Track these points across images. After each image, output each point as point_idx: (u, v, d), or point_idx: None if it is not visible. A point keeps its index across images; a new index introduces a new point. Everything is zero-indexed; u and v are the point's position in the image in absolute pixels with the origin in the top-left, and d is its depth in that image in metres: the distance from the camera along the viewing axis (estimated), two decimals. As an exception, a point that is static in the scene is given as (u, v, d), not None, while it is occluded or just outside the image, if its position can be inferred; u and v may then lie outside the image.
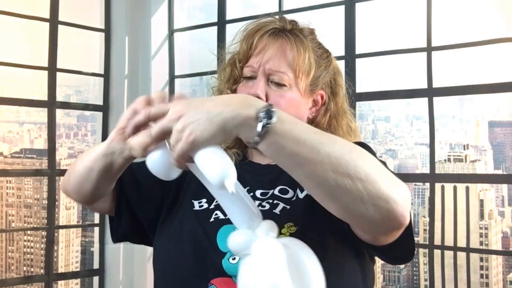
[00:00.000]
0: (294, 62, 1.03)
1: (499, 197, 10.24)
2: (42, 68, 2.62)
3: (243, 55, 1.06)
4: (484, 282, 9.11)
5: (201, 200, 1.02)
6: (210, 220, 0.97)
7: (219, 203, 0.87)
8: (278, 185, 1.01)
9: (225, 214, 0.98)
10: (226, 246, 0.91)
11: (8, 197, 12.16)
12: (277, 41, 1.05)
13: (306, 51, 1.05)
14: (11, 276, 5.98)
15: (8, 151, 12.76)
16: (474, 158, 10.59)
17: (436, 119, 2.22)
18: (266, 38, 1.05)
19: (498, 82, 2.16)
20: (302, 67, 1.04)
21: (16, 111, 12.33)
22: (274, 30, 1.06)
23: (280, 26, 1.07)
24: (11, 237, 11.89)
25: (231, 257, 0.91)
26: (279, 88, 1.03)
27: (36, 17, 2.61)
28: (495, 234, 9.64)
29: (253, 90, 1.01)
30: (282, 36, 1.05)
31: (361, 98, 2.39)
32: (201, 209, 1.01)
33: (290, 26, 1.08)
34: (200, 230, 0.96)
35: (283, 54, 1.04)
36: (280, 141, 0.73)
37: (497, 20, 2.66)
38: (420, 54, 2.25)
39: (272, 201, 0.98)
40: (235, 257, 0.90)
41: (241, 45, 1.07)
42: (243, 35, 1.09)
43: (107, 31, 2.84)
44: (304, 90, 1.06)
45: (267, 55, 1.03)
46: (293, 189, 1.00)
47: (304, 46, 1.06)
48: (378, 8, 2.62)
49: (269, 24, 1.07)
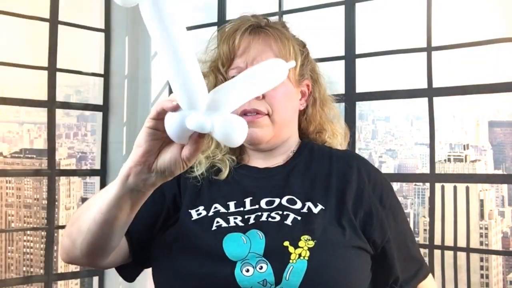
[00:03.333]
0: (281, 54, 1.03)
1: (499, 197, 10.22)
2: (42, 68, 2.61)
3: (226, 58, 1.04)
4: (484, 282, 9.10)
5: (198, 208, 1.00)
6: (212, 229, 0.94)
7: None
8: (285, 195, 0.99)
9: (227, 221, 0.95)
10: (235, 256, 0.89)
11: (8, 197, 12.14)
12: (260, 36, 1.04)
13: (289, 43, 1.06)
14: (11, 276, 5.97)
15: (8, 151, 12.75)
16: (474, 158, 10.57)
17: (436, 119, 2.22)
18: (248, 36, 1.04)
19: (498, 82, 2.16)
20: (289, 58, 1.03)
21: (16, 111, 12.31)
22: (252, 27, 1.05)
23: (256, 23, 1.07)
24: (11, 237, 11.88)
25: (243, 268, 0.88)
26: None
27: (36, 17, 2.61)
28: (495, 234, 9.64)
29: None
30: (262, 32, 1.05)
31: (361, 98, 2.39)
32: (200, 217, 0.98)
33: (264, 22, 1.08)
34: (204, 241, 0.93)
35: (268, 48, 1.03)
36: None
37: (497, 20, 2.66)
38: (420, 54, 2.25)
39: (281, 212, 0.96)
40: (248, 269, 0.88)
41: (221, 49, 1.05)
42: (220, 39, 1.07)
43: (107, 31, 2.84)
44: (294, 81, 1.06)
45: (253, 52, 1.03)
46: (301, 200, 0.97)
47: (286, 38, 1.06)
48: (378, 8, 2.62)
49: (245, 22, 1.06)
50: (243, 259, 0.89)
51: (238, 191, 1.01)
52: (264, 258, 0.89)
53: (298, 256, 0.88)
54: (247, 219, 0.95)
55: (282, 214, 0.95)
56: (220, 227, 0.94)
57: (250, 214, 0.96)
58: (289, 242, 0.89)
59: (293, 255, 0.88)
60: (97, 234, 0.84)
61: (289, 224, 0.93)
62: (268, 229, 0.92)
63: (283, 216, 0.94)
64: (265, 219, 0.94)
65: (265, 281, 0.87)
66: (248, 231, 0.93)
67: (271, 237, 0.91)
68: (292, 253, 0.88)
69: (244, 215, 0.96)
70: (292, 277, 0.87)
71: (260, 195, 0.99)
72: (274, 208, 0.97)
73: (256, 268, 0.88)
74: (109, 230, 0.84)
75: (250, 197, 0.99)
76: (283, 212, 0.95)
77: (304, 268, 0.87)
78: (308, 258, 0.87)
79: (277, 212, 0.96)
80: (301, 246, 0.89)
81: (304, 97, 1.11)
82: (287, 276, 0.87)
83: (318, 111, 1.12)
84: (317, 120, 1.13)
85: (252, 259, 0.88)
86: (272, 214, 0.95)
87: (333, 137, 1.14)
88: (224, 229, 0.94)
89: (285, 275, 0.87)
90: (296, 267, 0.87)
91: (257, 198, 0.99)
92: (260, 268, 0.87)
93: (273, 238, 0.91)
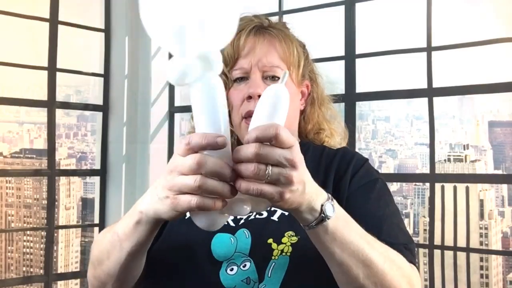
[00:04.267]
0: (285, 56, 1.04)
1: (499, 197, 10.23)
2: (42, 68, 2.61)
3: (230, 58, 1.04)
4: (484, 282, 9.10)
5: None
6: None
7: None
8: None
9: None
10: (221, 255, 0.90)
11: (8, 197, 12.15)
12: (264, 37, 1.04)
13: (293, 44, 1.06)
14: (11, 276, 5.97)
15: (7, 151, 12.75)
16: (474, 158, 10.58)
17: (436, 119, 2.22)
18: (252, 37, 1.04)
19: (498, 82, 2.16)
20: (293, 59, 1.04)
21: (16, 111, 12.32)
22: (257, 28, 1.05)
23: (259, 23, 1.06)
24: (11, 237, 11.88)
25: (228, 267, 0.88)
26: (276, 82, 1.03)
27: (36, 17, 2.61)
28: (495, 234, 9.64)
29: (252, 89, 1.00)
30: (267, 32, 1.05)
31: (361, 98, 2.39)
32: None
33: (267, 22, 1.08)
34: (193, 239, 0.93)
35: (273, 49, 1.04)
36: (327, 237, 0.75)
37: (497, 20, 2.65)
38: (420, 54, 2.25)
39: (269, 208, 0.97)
40: (233, 268, 0.88)
41: (225, 49, 1.04)
42: None
43: (107, 31, 2.84)
44: (296, 83, 1.07)
45: (258, 52, 1.02)
46: None
47: (290, 39, 1.06)
48: (378, 8, 2.62)
49: (249, 23, 1.06)
50: (228, 259, 0.89)
51: None
52: (249, 257, 0.89)
53: (280, 252, 0.88)
54: (238, 219, 0.95)
55: (270, 210, 0.94)
56: None
57: None
58: (272, 239, 0.90)
59: (275, 251, 0.88)
60: (128, 270, 0.85)
61: (276, 220, 0.93)
62: (254, 227, 0.93)
63: (270, 212, 0.95)
64: (253, 217, 0.95)
65: (249, 279, 0.87)
66: (237, 231, 0.93)
67: (257, 236, 0.91)
68: (275, 249, 0.89)
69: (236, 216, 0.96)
70: (274, 273, 0.87)
71: None
72: None
73: (240, 266, 0.88)
74: (139, 261, 0.86)
75: None
76: (270, 208, 0.95)
77: (286, 264, 0.87)
78: (290, 254, 0.88)
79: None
80: (284, 242, 0.89)
81: (303, 97, 1.11)
82: (269, 272, 0.87)
83: (316, 110, 1.13)
84: (315, 119, 1.14)
85: (238, 259, 0.89)
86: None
87: (331, 136, 1.15)
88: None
89: (267, 272, 0.87)
90: (278, 263, 0.87)
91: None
92: (244, 266, 0.88)
93: (258, 237, 0.91)
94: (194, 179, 0.65)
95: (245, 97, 1.01)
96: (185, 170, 0.66)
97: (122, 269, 0.84)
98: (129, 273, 0.86)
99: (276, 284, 0.86)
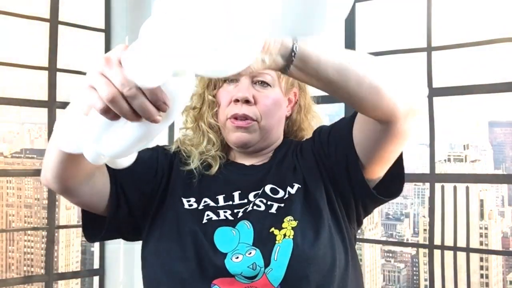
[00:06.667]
0: None
1: (499, 197, 10.22)
2: (42, 68, 2.62)
3: None
4: (484, 282, 9.09)
5: (189, 199, 1.02)
6: (203, 222, 0.97)
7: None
8: (266, 183, 1.02)
9: (217, 214, 0.98)
10: (225, 247, 0.92)
11: (9, 197, 12.13)
12: None
13: None
14: (11, 276, 5.97)
15: (8, 151, 12.74)
16: (474, 158, 10.57)
17: (436, 119, 2.22)
18: None
19: (498, 82, 2.16)
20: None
21: (16, 111, 12.32)
22: None
23: None
24: (12, 237, 11.88)
25: (233, 256, 0.91)
26: (264, 88, 1.05)
27: (36, 17, 2.61)
28: (495, 234, 9.63)
29: (241, 93, 1.03)
30: None
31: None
32: (191, 209, 1.00)
33: None
34: (198, 230, 0.95)
35: None
36: (308, 65, 0.74)
37: (497, 20, 2.66)
38: (420, 54, 2.25)
39: (266, 201, 0.99)
40: (238, 256, 0.91)
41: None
42: None
43: (107, 31, 2.84)
44: (284, 89, 1.09)
45: None
46: (283, 188, 1.01)
47: None
48: (378, 8, 2.63)
49: None
50: (233, 250, 0.92)
51: (226, 186, 1.04)
52: (253, 246, 0.92)
53: (283, 236, 0.91)
54: (236, 213, 0.98)
55: (266, 204, 0.98)
56: (210, 220, 0.97)
57: (239, 208, 0.99)
58: (274, 227, 0.93)
59: (278, 236, 0.92)
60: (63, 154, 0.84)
61: (274, 213, 0.97)
62: (254, 218, 0.96)
63: (268, 206, 0.98)
64: (251, 208, 0.98)
65: (255, 265, 0.89)
66: (237, 223, 0.96)
67: (259, 226, 0.94)
68: (278, 234, 0.92)
69: (233, 209, 0.99)
70: (280, 256, 0.89)
71: (248, 189, 1.02)
72: (259, 197, 1.00)
73: (245, 254, 0.91)
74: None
75: (238, 191, 1.02)
76: (267, 202, 0.99)
77: (290, 246, 0.90)
78: (293, 237, 0.91)
79: (261, 200, 0.99)
80: (285, 227, 0.93)
81: (290, 104, 1.14)
82: (275, 256, 0.90)
83: (302, 118, 1.16)
84: (300, 125, 1.17)
85: (242, 249, 0.92)
86: (256, 202, 0.98)
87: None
88: (214, 222, 0.96)
89: (273, 255, 0.90)
90: (282, 247, 0.90)
91: (244, 192, 1.02)
92: (249, 254, 0.91)
93: (260, 227, 0.94)
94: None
95: (233, 99, 1.04)
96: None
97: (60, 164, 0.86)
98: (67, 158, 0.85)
99: (283, 267, 0.89)
